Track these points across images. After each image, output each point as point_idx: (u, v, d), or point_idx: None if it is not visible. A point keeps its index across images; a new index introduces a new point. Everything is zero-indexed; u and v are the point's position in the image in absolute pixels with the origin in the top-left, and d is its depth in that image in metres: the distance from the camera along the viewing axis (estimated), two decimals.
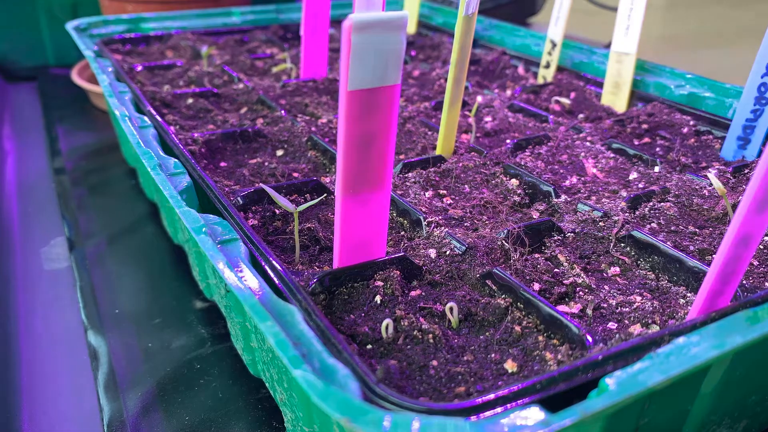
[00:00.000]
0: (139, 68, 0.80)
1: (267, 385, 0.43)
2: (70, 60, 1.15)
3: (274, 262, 0.37)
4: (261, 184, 0.46)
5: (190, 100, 0.70)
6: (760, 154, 0.57)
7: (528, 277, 0.41)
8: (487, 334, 0.36)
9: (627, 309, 0.38)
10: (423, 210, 0.47)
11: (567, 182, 0.53)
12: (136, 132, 0.54)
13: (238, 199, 0.47)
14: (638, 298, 0.39)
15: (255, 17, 1.02)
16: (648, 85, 0.72)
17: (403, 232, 0.46)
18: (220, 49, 0.93)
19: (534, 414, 0.25)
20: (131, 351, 0.50)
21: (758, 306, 0.32)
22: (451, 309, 0.37)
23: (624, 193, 0.51)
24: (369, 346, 0.34)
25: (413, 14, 1.04)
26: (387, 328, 0.34)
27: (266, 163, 0.56)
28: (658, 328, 0.36)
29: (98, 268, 0.61)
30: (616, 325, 0.37)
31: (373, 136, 0.34)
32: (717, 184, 0.42)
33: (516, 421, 0.25)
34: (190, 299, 0.56)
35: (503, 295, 0.38)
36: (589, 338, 0.34)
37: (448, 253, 0.42)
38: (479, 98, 0.72)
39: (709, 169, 0.55)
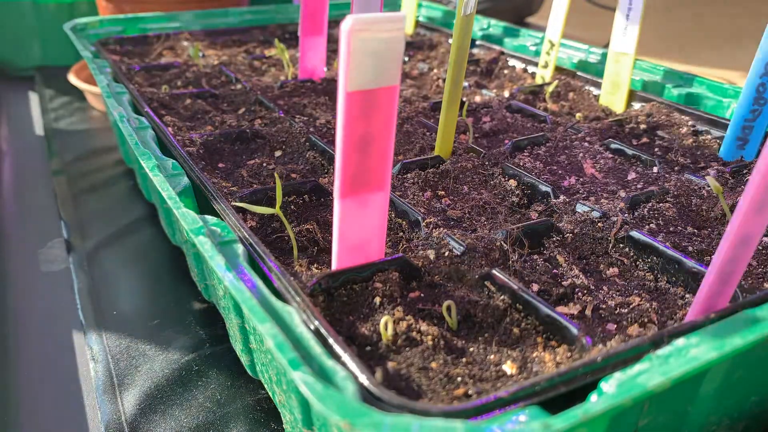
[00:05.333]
0: (137, 69, 0.80)
1: (266, 386, 0.43)
2: (68, 60, 1.15)
3: (272, 264, 0.37)
4: (234, 203, 0.45)
5: (188, 101, 0.70)
6: (758, 154, 0.57)
7: (527, 278, 0.41)
8: (486, 335, 0.36)
9: (626, 310, 0.38)
10: (421, 211, 0.47)
11: (565, 183, 0.53)
12: (135, 133, 0.54)
13: (237, 200, 0.47)
14: (637, 299, 0.39)
15: (253, 17, 1.02)
16: (646, 85, 0.72)
17: (401, 233, 0.46)
18: (218, 49, 0.92)
19: (533, 416, 0.25)
20: (129, 352, 0.50)
21: (757, 307, 0.32)
22: (448, 308, 0.36)
23: (623, 194, 0.51)
24: (368, 348, 0.34)
25: (411, 14, 1.04)
26: (386, 325, 0.34)
27: (264, 164, 0.56)
28: (656, 329, 0.36)
29: (96, 270, 0.60)
30: (615, 326, 0.37)
31: (372, 136, 0.34)
32: (714, 184, 0.42)
33: (515, 423, 0.25)
34: (188, 300, 0.56)
35: (502, 297, 0.38)
36: (588, 339, 0.34)
37: (446, 254, 0.42)
38: (477, 98, 0.72)
39: (708, 170, 0.55)
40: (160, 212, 0.63)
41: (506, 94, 0.76)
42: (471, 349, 0.35)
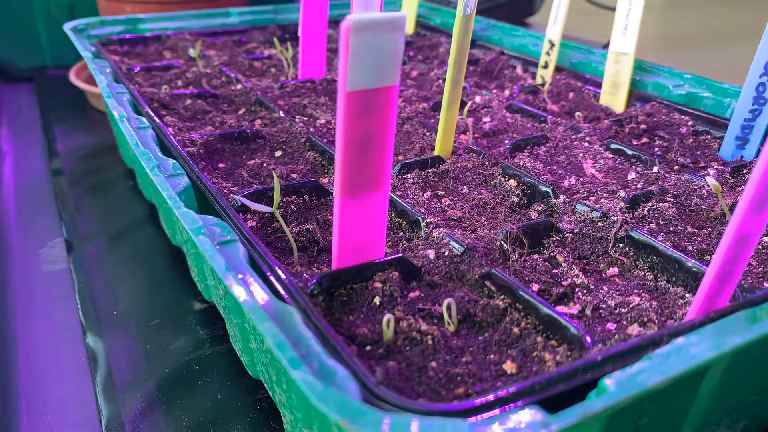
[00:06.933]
0: (137, 69, 0.80)
1: (266, 386, 0.43)
2: (68, 61, 1.15)
3: (272, 264, 0.37)
4: (233, 195, 0.46)
5: (188, 101, 0.70)
6: (758, 154, 0.57)
7: (527, 278, 0.41)
8: (486, 335, 0.36)
9: (625, 309, 0.38)
10: (421, 211, 0.47)
11: (565, 183, 0.53)
12: (135, 133, 0.54)
13: (237, 200, 0.47)
14: (637, 299, 0.39)
15: (253, 17, 1.02)
16: (646, 85, 0.72)
17: (401, 233, 0.46)
18: (218, 49, 0.92)
19: (533, 415, 0.25)
20: (130, 352, 0.50)
21: (757, 306, 0.32)
22: (448, 307, 0.36)
23: (622, 194, 0.51)
24: (368, 348, 0.34)
25: (411, 14, 1.04)
26: (389, 323, 0.34)
27: (264, 164, 0.56)
28: (656, 328, 0.36)
29: (96, 270, 0.60)
30: (615, 325, 0.37)
31: (372, 136, 0.34)
32: (713, 184, 0.42)
33: (515, 423, 0.25)
34: (188, 300, 0.56)
35: (502, 296, 0.38)
36: (588, 339, 0.34)
37: (446, 254, 0.42)
38: (477, 98, 0.72)
39: (708, 170, 0.55)
40: (160, 212, 0.63)
41: (506, 94, 0.76)
42: (471, 349, 0.35)
